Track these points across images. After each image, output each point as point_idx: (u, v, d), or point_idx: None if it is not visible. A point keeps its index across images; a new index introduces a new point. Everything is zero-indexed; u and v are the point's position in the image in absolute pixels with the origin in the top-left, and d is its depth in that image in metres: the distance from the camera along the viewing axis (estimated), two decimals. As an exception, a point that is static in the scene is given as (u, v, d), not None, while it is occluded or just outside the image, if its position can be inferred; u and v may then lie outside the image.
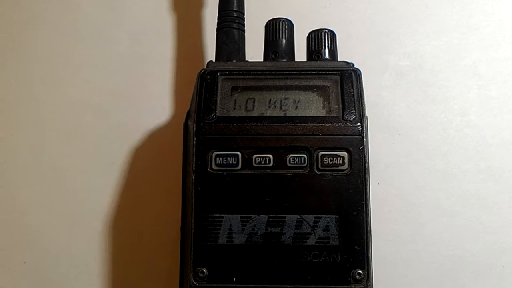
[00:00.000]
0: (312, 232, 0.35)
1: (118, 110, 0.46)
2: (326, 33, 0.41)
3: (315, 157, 0.35)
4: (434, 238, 0.43)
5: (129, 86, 0.47)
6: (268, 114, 0.37)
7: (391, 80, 0.46)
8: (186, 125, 0.38)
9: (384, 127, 0.45)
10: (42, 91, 0.47)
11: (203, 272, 0.34)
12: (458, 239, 0.43)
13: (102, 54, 0.48)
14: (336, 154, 0.35)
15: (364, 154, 0.35)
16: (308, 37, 0.41)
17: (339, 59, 0.41)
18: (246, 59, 0.42)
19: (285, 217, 0.35)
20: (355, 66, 0.39)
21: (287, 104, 0.37)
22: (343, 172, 0.35)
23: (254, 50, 0.42)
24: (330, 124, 0.36)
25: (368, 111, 0.37)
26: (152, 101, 0.47)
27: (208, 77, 0.38)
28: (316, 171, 0.35)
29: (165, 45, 0.48)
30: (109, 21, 0.48)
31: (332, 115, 0.36)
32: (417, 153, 0.45)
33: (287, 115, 0.37)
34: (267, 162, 0.36)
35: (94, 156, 0.46)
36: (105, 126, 0.46)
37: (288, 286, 0.34)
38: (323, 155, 0.35)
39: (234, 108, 0.37)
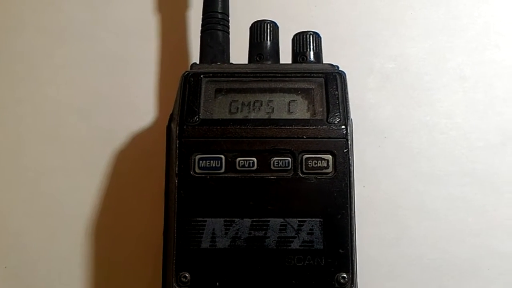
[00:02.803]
0: (296, 235, 0.34)
1: (101, 112, 0.46)
2: (311, 35, 0.41)
3: (299, 160, 0.35)
4: (419, 240, 0.43)
5: (112, 87, 0.46)
6: (252, 117, 0.36)
7: (377, 82, 0.46)
8: (169, 128, 0.37)
9: (370, 130, 0.45)
10: (24, 92, 0.46)
11: (185, 277, 0.34)
12: (443, 241, 0.43)
13: (84, 55, 0.47)
14: (321, 157, 0.35)
15: (349, 157, 0.35)
16: (293, 39, 0.41)
17: (324, 62, 0.41)
18: (231, 61, 0.41)
19: (269, 221, 0.35)
20: (340, 69, 0.39)
21: (271, 106, 0.37)
22: (328, 175, 0.35)
23: (238, 52, 0.41)
24: (314, 127, 0.36)
25: (353, 114, 0.37)
26: (136, 102, 0.46)
27: (192, 79, 0.37)
28: (300, 174, 0.35)
29: (149, 46, 0.47)
30: (92, 22, 0.48)
31: (316, 117, 0.36)
32: (403, 155, 0.44)
33: (271, 117, 0.36)
34: (251, 165, 0.35)
35: (76, 158, 0.45)
36: (88, 128, 0.46)
37: (272, 290, 0.34)
38: (307, 158, 0.35)
39: (218, 111, 0.37)
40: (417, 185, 0.44)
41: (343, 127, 0.36)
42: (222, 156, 0.35)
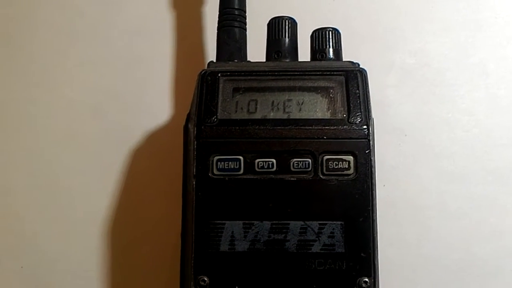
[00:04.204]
0: (316, 239, 0.34)
1: (116, 111, 0.45)
2: (330, 32, 0.40)
3: (319, 161, 0.34)
4: (441, 241, 0.42)
5: (127, 86, 0.46)
6: (271, 117, 0.36)
7: (397, 79, 0.45)
8: (186, 128, 0.37)
9: (390, 127, 0.44)
10: (38, 92, 0.46)
11: (204, 281, 0.33)
12: (465, 242, 0.42)
13: (99, 54, 0.46)
14: (342, 158, 0.34)
15: (370, 158, 0.34)
16: (311, 36, 0.40)
17: (344, 58, 0.40)
18: (248, 59, 0.41)
19: (289, 224, 0.34)
20: (360, 66, 0.38)
21: (290, 106, 0.36)
22: (349, 177, 0.34)
23: (256, 49, 0.41)
24: (335, 127, 0.35)
25: (373, 111, 0.36)
26: (151, 101, 0.45)
27: (209, 78, 0.37)
28: (321, 176, 0.34)
29: (164, 43, 0.47)
30: (106, 19, 0.47)
31: (337, 117, 0.35)
32: (424, 154, 0.44)
33: (291, 117, 0.35)
34: (270, 166, 0.34)
35: (91, 159, 0.45)
36: (103, 127, 0.45)
37: (292, 294, 0.33)
38: (328, 159, 0.34)
39: (236, 111, 0.36)
40: (438, 184, 0.43)
41: (364, 127, 0.35)
42: (240, 157, 0.35)
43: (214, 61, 0.40)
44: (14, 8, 0.47)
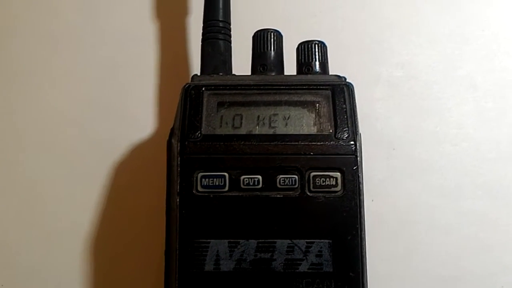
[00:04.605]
0: (304, 258, 0.33)
1: (99, 123, 0.44)
2: (316, 45, 0.39)
3: (306, 178, 0.34)
4: (430, 256, 0.42)
5: (110, 97, 0.45)
6: (256, 132, 0.35)
7: (384, 92, 0.45)
8: (170, 143, 0.36)
9: (377, 141, 0.43)
10: (19, 101, 0.45)
11: (188, 302, 0.32)
12: (455, 257, 0.42)
13: (81, 64, 0.45)
14: (329, 175, 0.34)
15: (358, 175, 0.34)
16: (297, 48, 0.39)
17: (330, 71, 0.39)
18: (233, 72, 0.40)
19: (275, 242, 0.33)
20: (347, 80, 0.37)
21: (276, 121, 0.35)
22: (336, 194, 0.33)
23: (241, 62, 0.40)
24: (322, 143, 0.34)
25: (360, 125, 0.36)
26: (135, 113, 0.45)
27: (193, 92, 0.36)
28: (308, 193, 0.33)
29: (148, 54, 0.46)
30: (90, 30, 0.46)
31: (324, 133, 0.35)
32: (412, 168, 0.43)
33: (277, 133, 0.35)
34: (256, 183, 0.34)
35: (73, 171, 0.44)
36: (86, 139, 0.44)
37: (279, 315, 0.32)
38: (315, 176, 0.34)
39: (221, 126, 0.35)
40: (427, 199, 0.43)
41: (352, 143, 0.34)
42: (225, 173, 0.34)
43: (198, 74, 0.39)
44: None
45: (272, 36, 0.39)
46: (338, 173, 0.34)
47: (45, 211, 0.43)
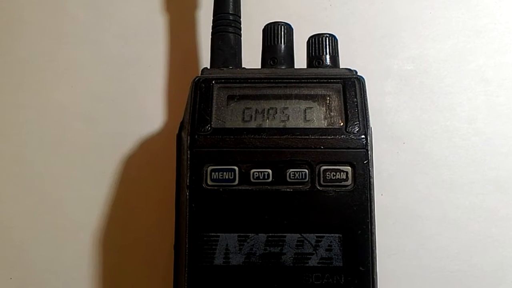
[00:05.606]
0: (314, 252, 0.33)
1: (108, 117, 0.44)
2: (327, 38, 0.39)
3: (316, 172, 0.33)
4: (440, 252, 0.41)
5: (119, 91, 0.45)
6: (266, 126, 0.35)
7: (395, 85, 0.44)
8: (179, 137, 0.36)
9: (388, 135, 0.43)
10: (27, 97, 0.45)
11: (198, 295, 0.32)
12: (465, 253, 0.41)
13: (90, 58, 0.45)
14: (339, 169, 0.33)
15: (369, 169, 0.33)
16: (308, 42, 0.39)
17: (341, 65, 0.39)
18: (243, 65, 0.40)
19: (285, 236, 0.33)
20: (358, 74, 0.37)
21: (286, 114, 0.35)
22: (347, 188, 0.33)
23: (251, 55, 0.40)
24: (332, 137, 0.34)
25: (371, 119, 0.35)
26: (144, 107, 0.44)
27: (203, 85, 0.36)
28: (318, 187, 0.33)
29: (157, 48, 0.46)
30: (97, 23, 0.46)
31: (334, 126, 0.34)
32: (422, 162, 0.43)
33: (287, 126, 0.34)
34: (266, 177, 0.33)
35: (82, 166, 0.44)
36: (94, 133, 0.44)
37: (289, 309, 0.32)
38: (325, 170, 0.33)
39: (231, 119, 0.35)
40: (438, 194, 0.42)
41: (362, 136, 0.34)
42: (235, 167, 0.34)
43: (208, 67, 0.39)
44: (3, 11, 0.46)
45: (282, 29, 0.39)
46: (349, 167, 0.33)
47: (55, 205, 0.43)
